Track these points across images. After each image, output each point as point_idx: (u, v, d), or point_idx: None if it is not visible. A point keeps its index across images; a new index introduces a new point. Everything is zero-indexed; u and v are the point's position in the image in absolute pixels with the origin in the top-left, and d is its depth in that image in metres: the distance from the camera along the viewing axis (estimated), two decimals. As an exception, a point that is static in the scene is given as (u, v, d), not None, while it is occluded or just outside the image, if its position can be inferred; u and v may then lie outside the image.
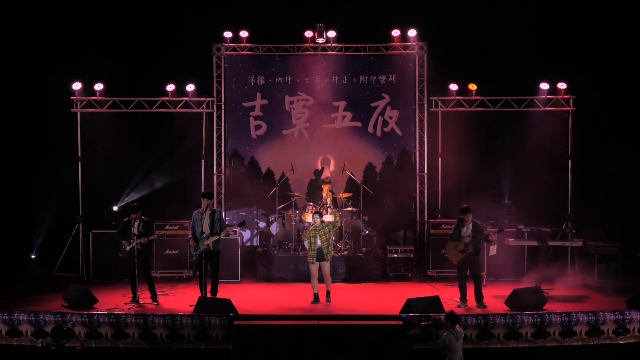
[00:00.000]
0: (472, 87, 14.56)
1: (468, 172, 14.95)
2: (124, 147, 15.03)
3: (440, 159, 14.82)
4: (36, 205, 14.81)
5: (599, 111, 14.96)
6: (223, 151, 15.16)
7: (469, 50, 14.90)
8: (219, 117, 15.11)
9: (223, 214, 13.84)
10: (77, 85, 14.43)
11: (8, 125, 14.73)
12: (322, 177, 14.83)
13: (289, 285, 13.01)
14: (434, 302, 10.59)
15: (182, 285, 13.24)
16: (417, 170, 15.10)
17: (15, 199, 14.72)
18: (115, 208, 14.47)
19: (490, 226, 12.89)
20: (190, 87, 14.69)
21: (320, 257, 11.39)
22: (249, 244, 15.08)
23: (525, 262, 13.33)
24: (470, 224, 11.40)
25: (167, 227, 13.55)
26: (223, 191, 15.12)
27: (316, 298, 11.48)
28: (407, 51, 15.02)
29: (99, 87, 14.51)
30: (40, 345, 10.13)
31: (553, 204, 14.48)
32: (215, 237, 11.30)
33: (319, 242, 11.36)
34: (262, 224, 15.13)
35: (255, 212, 15.01)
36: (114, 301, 11.67)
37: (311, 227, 11.44)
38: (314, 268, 11.43)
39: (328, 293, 11.55)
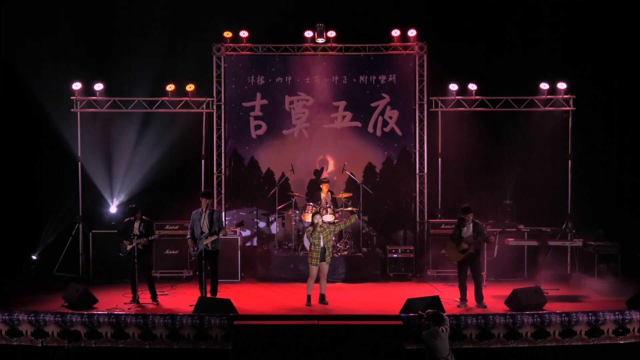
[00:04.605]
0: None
1: (468, 172, 14.99)
2: (124, 147, 15.01)
3: (440, 159, 14.82)
4: (36, 205, 14.80)
5: (599, 111, 14.96)
6: (223, 151, 15.16)
7: (469, 50, 14.89)
8: (219, 117, 15.11)
9: (222, 214, 13.86)
10: (77, 85, 14.43)
11: (8, 125, 14.71)
12: (322, 177, 14.83)
13: (289, 285, 13.01)
14: (434, 302, 10.57)
15: (182, 285, 13.25)
16: (417, 170, 15.10)
17: (15, 199, 14.71)
18: (113, 210, 14.48)
19: (491, 226, 12.91)
20: (190, 87, 14.69)
21: (322, 258, 11.35)
22: (249, 244, 15.07)
23: (525, 262, 13.33)
24: (471, 224, 11.40)
25: (167, 227, 13.56)
26: (223, 191, 15.11)
27: (309, 299, 11.40)
28: (407, 51, 15.02)
29: (99, 87, 14.53)
30: (40, 345, 10.16)
31: (553, 204, 14.47)
32: (214, 237, 11.31)
33: (322, 243, 11.31)
34: (262, 224, 15.13)
35: (255, 212, 15.01)
36: (114, 301, 11.67)
37: (318, 229, 11.34)
38: (315, 270, 11.35)
39: (323, 296, 11.41)
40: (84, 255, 13.97)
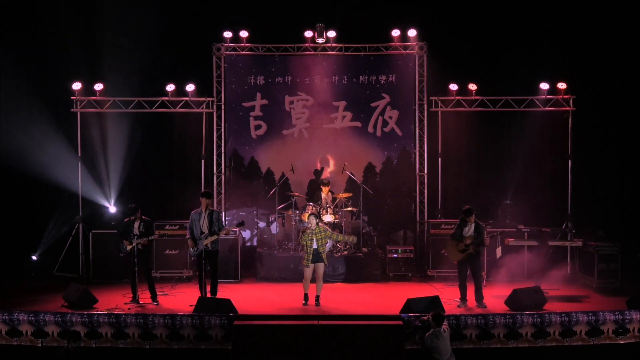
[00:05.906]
0: (473, 87, 14.62)
1: (468, 172, 15.00)
2: (124, 148, 15.01)
3: (440, 159, 14.82)
4: (36, 205, 14.79)
5: (599, 111, 14.95)
6: (223, 151, 15.16)
7: (469, 50, 14.88)
8: (219, 117, 15.11)
9: (222, 214, 13.87)
10: (77, 85, 14.44)
11: (8, 125, 14.70)
12: (322, 177, 14.83)
13: (289, 285, 12.97)
14: (434, 302, 10.58)
15: (182, 285, 13.25)
16: (417, 170, 15.10)
17: (15, 200, 14.70)
18: (113, 210, 14.49)
19: (491, 226, 12.91)
20: (190, 87, 14.69)
21: (316, 259, 11.28)
22: (249, 244, 15.08)
23: (525, 262, 13.33)
24: (473, 224, 11.40)
25: (167, 227, 13.55)
26: (223, 191, 15.11)
27: (306, 298, 11.38)
28: (407, 51, 15.02)
29: (99, 87, 14.53)
30: (40, 345, 10.16)
31: (553, 203, 14.48)
32: (214, 237, 11.31)
33: (315, 245, 11.25)
34: (262, 224, 15.13)
35: (255, 212, 15.01)
36: (114, 301, 11.68)
37: (308, 230, 11.33)
38: (309, 271, 11.30)
39: (317, 297, 11.36)
40: (84, 255, 13.97)
